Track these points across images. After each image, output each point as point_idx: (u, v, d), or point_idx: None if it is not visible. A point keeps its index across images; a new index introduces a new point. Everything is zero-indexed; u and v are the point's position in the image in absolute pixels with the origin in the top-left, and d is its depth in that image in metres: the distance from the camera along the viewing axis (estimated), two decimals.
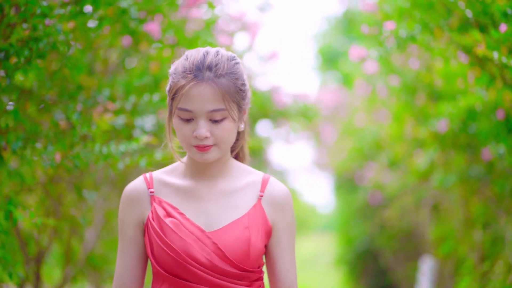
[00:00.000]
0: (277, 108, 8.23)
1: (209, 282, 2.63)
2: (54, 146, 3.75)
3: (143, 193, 2.76)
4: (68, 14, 3.48)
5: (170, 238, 2.65)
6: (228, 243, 2.64)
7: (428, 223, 7.99)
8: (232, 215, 2.71)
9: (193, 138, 2.63)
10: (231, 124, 2.64)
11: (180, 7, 4.46)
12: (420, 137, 6.48)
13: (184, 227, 2.66)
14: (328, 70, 18.14)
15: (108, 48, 4.70)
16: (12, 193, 4.17)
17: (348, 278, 13.95)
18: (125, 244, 2.76)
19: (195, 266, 2.62)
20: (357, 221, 12.08)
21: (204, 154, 2.64)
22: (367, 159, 9.78)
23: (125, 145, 3.76)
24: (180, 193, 2.75)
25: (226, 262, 2.64)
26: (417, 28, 4.43)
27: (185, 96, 2.61)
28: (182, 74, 2.63)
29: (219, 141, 2.64)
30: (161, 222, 2.68)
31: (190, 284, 2.64)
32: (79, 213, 5.53)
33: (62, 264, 6.81)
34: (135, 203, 2.76)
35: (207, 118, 2.61)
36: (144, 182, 2.78)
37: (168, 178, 2.79)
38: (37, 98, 4.23)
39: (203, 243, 2.64)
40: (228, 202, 2.73)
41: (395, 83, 6.92)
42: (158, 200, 2.74)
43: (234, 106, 2.64)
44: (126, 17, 3.91)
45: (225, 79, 2.61)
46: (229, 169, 2.79)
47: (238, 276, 2.66)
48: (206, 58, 2.64)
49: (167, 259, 2.65)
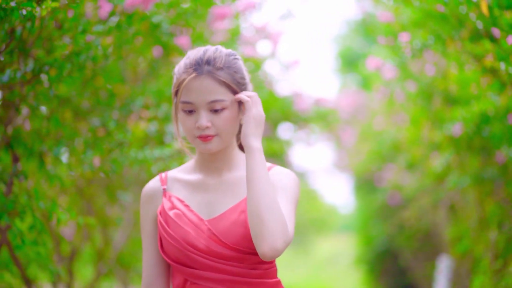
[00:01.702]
0: (298, 113, 8.41)
1: (211, 267, 2.71)
2: (92, 151, 4.01)
3: (157, 190, 2.89)
4: (106, 29, 3.73)
5: (172, 228, 2.76)
6: (224, 227, 2.71)
7: (445, 223, 8.07)
8: (231, 202, 2.79)
9: (196, 129, 2.73)
10: (230, 114, 2.74)
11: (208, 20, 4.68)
12: (436, 140, 6.59)
13: (186, 217, 2.77)
14: (348, 73, 18.15)
15: (138, 57, 4.94)
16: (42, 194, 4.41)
17: (368, 277, 13.94)
18: (147, 241, 2.88)
19: (195, 252, 2.71)
20: (377, 221, 12.13)
21: (207, 144, 2.74)
22: (386, 161, 9.88)
23: (159, 150, 4.02)
24: (189, 187, 2.86)
25: (222, 246, 2.70)
26: (430, 39, 4.62)
27: (186, 89, 2.73)
28: (183, 70, 2.76)
29: (220, 131, 2.73)
30: (166, 215, 2.80)
31: (195, 271, 2.73)
32: (112, 214, 5.76)
33: (92, 263, 7.04)
34: (151, 200, 2.89)
35: (207, 109, 2.72)
36: (159, 180, 2.91)
37: (180, 175, 2.91)
38: (73, 105, 4.49)
39: (201, 230, 2.73)
40: (231, 191, 2.82)
41: (412, 89, 7.02)
42: (168, 195, 2.86)
43: (233, 97, 2.75)
44: (158, 31, 4.14)
45: (223, 71, 2.73)
46: (235, 161, 2.87)
47: (238, 258, 2.71)
48: (205, 54, 2.76)
49: (172, 249, 2.75)
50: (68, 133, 4.28)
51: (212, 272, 2.71)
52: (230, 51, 2.85)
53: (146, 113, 4.37)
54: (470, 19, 4.34)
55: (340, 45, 18.81)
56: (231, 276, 2.70)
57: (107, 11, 3.82)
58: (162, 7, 4.13)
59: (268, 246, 2.54)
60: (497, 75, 4.56)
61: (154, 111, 4.50)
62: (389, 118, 9.11)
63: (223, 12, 4.44)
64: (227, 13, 4.44)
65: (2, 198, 3.68)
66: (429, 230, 9.61)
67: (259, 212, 2.57)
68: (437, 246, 9.38)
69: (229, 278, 2.70)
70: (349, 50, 17.94)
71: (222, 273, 2.70)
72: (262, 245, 2.55)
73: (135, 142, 4.15)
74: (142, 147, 4.27)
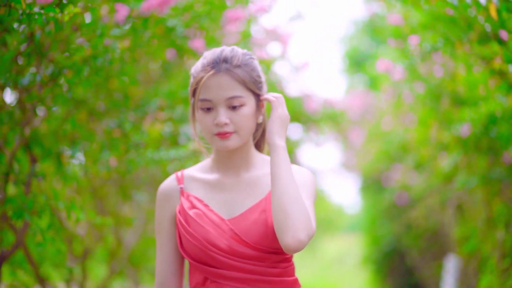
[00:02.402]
0: (307, 113, 8.48)
1: (232, 267, 2.72)
2: (109, 152, 4.10)
3: (174, 189, 2.90)
4: (123, 33, 3.82)
5: (193, 227, 2.77)
6: (245, 227, 2.74)
7: (452, 223, 8.09)
8: (251, 201, 2.81)
9: (214, 126, 2.75)
10: (248, 111, 2.77)
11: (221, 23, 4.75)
12: (444, 140, 6.65)
13: (206, 216, 2.78)
14: (355, 73, 18.16)
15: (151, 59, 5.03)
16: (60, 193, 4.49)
17: (375, 277, 13.97)
18: (162, 240, 2.90)
19: (217, 252, 2.73)
20: (384, 221, 12.16)
21: (225, 141, 2.76)
22: (394, 161, 9.92)
23: (174, 151, 4.11)
24: (207, 186, 2.88)
25: (244, 245, 2.73)
26: (440, 41, 4.69)
27: (204, 86, 2.76)
28: (201, 69, 2.79)
29: (239, 128, 2.76)
30: (186, 214, 2.81)
31: (216, 270, 2.74)
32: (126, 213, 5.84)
33: (105, 262, 7.12)
34: (167, 199, 2.90)
35: (226, 106, 2.74)
36: (175, 179, 2.92)
37: (197, 174, 2.93)
38: (89, 107, 4.58)
39: (222, 230, 2.75)
40: (250, 190, 2.84)
41: (420, 90, 7.07)
42: (186, 194, 2.87)
43: (251, 95, 2.79)
44: (173, 35, 4.21)
45: (240, 69, 2.77)
46: (253, 160, 2.90)
47: (259, 257, 2.73)
48: (222, 53, 2.80)
49: (193, 248, 2.77)
50: (84, 134, 4.37)
51: (233, 271, 2.73)
52: (246, 51, 2.88)
53: (161, 115, 4.46)
54: (479, 22, 4.40)
55: (347, 45, 18.82)
56: (252, 275, 2.73)
57: (123, 15, 3.91)
58: (177, 11, 4.21)
59: (292, 238, 2.56)
60: (505, 77, 4.61)
61: (169, 112, 4.58)
62: (397, 119, 9.15)
63: (237, 16, 4.53)
64: (240, 16, 4.52)
65: (22, 197, 3.77)
66: (437, 230, 9.62)
67: (283, 205, 2.60)
68: (445, 246, 9.40)
69: (250, 277, 2.72)
70: (356, 50, 17.96)
71: (243, 272, 2.72)
72: (286, 237, 2.57)
73: (151, 143, 4.23)
74: (157, 148, 4.36)
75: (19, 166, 4.32)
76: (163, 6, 3.96)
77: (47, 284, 5.69)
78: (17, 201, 3.77)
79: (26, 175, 4.20)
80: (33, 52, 3.82)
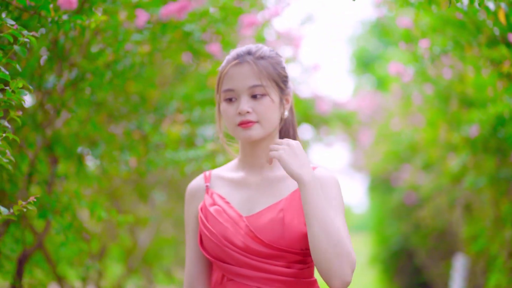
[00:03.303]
0: (318, 114, 8.58)
1: (248, 264, 2.70)
2: (129, 153, 4.23)
3: (201, 188, 2.91)
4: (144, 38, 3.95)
5: (211, 224, 2.77)
6: (262, 225, 2.71)
7: (460, 222, 8.13)
8: (271, 200, 2.78)
9: (237, 115, 2.73)
10: (271, 102, 2.74)
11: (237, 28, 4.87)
12: (452, 141, 6.72)
13: (226, 213, 2.77)
14: (363, 74, 18.16)
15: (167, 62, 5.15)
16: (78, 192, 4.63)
17: (383, 276, 13.98)
18: (189, 238, 2.90)
19: (233, 249, 2.71)
20: (392, 220, 12.17)
21: (247, 130, 2.74)
22: (403, 162, 9.98)
23: (193, 152, 4.23)
24: (231, 184, 2.87)
25: (259, 243, 2.69)
26: (449, 45, 4.79)
27: (227, 77, 2.76)
28: (225, 64, 2.81)
29: (261, 118, 2.73)
30: (206, 211, 2.81)
31: (231, 267, 2.72)
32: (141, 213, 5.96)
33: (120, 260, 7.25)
34: (193, 198, 2.91)
35: (248, 95, 2.73)
36: (203, 178, 2.94)
37: (224, 173, 2.92)
38: (108, 109, 4.71)
39: (239, 226, 2.73)
40: (271, 190, 2.80)
41: (429, 91, 7.16)
42: (210, 192, 2.87)
43: (274, 86, 2.75)
44: (190, 39, 4.33)
45: (264, 60, 2.76)
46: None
47: (274, 256, 2.69)
48: (248, 47, 2.81)
49: (211, 245, 2.76)
50: (104, 135, 4.49)
51: (247, 269, 2.71)
52: (272, 48, 2.88)
53: (179, 117, 4.58)
54: (487, 26, 4.50)
55: (355, 46, 18.81)
56: (266, 273, 2.70)
57: (143, 21, 4.03)
58: (195, 16, 4.32)
59: (340, 282, 2.53)
60: None
61: (186, 115, 4.70)
62: (405, 119, 9.20)
63: (252, 20, 4.63)
64: (255, 21, 4.63)
65: (46, 197, 3.88)
66: (445, 229, 9.66)
67: (325, 250, 2.53)
68: (453, 245, 9.44)
69: (264, 276, 2.70)
70: (364, 51, 17.95)
71: (257, 270, 2.70)
72: (334, 282, 2.53)
73: (170, 144, 4.35)
74: (176, 149, 4.48)
75: (41, 166, 4.44)
76: (181, 11, 4.08)
77: (64, 282, 5.80)
78: (40, 201, 3.88)
79: (48, 175, 4.33)
80: (56, 56, 3.95)
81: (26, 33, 2.23)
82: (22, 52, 2.21)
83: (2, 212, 2.28)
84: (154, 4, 4.15)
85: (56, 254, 5.70)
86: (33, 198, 2.34)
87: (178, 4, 4.08)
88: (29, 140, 4.28)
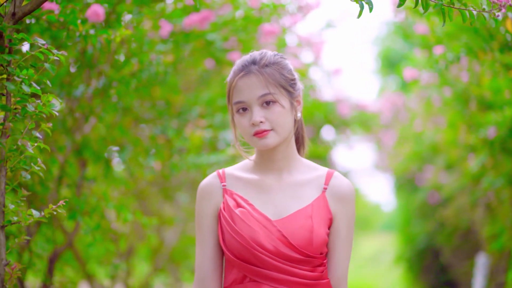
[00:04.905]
0: (340, 117, 8.72)
1: (275, 267, 2.74)
2: (153, 156, 4.44)
3: (217, 187, 2.90)
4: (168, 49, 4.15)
5: (239, 226, 2.77)
6: (292, 230, 2.74)
7: (482, 221, 8.24)
8: (297, 205, 2.81)
9: (251, 126, 2.75)
10: (283, 108, 2.76)
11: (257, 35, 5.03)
12: (471, 142, 6.84)
13: (252, 216, 2.78)
14: (388, 75, 18.10)
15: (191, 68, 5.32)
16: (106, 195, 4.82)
17: (408, 275, 14.02)
18: (203, 236, 2.89)
19: (262, 252, 2.73)
20: (418, 219, 12.22)
21: (264, 139, 2.75)
22: (425, 162, 10.09)
23: (214, 155, 4.41)
24: (250, 186, 2.87)
25: (290, 248, 2.74)
26: (462, 51, 4.92)
27: (236, 89, 2.77)
28: (232, 75, 2.82)
29: (275, 125, 2.75)
30: (232, 212, 2.80)
31: (257, 269, 2.75)
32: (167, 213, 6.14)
33: (147, 259, 7.43)
34: (210, 196, 2.90)
35: (259, 105, 2.75)
36: (217, 177, 2.92)
37: (239, 173, 2.92)
38: (134, 114, 4.91)
39: (269, 230, 2.75)
40: (294, 194, 2.83)
41: (448, 94, 7.24)
42: (230, 193, 2.86)
43: (282, 91, 2.77)
44: (212, 48, 4.51)
45: (269, 68, 2.76)
46: (296, 164, 2.89)
47: (302, 261, 2.75)
48: (251, 56, 2.81)
49: (237, 246, 2.76)
50: (130, 140, 4.68)
51: (275, 272, 2.75)
52: (276, 52, 2.88)
53: (202, 122, 4.76)
54: (500, 32, 4.64)
55: (380, 46, 18.76)
56: (292, 277, 2.76)
57: (167, 31, 4.22)
58: (216, 26, 4.50)
59: None
60: None
61: (208, 120, 4.88)
62: (427, 121, 9.29)
63: (271, 30, 4.79)
64: (274, 30, 4.78)
65: (75, 199, 4.08)
66: (468, 228, 9.71)
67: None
68: (477, 244, 9.50)
69: (289, 278, 2.75)
70: (389, 51, 17.89)
71: (284, 273, 2.75)
72: None
73: (192, 148, 4.53)
74: (198, 153, 4.65)
75: (71, 170, 4.65)
76: (203, 22, 4.26)
77: (94, 281, 5.99)
78: (70, 203, 4.08)
79: (77, 178, 4.53)
80: (84, 65, 4.16)
81: (56, 52, 2.41)
82: (52, 69, 2.40)
83: (34, 215, 2.45)
84: (177, 15, 4.33)
85: (86, 253, 5.89)
86: (63, 202, 2.51)
87: (200, 15, 4.26)
88: (59, 144, 4.49)
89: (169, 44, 4.23)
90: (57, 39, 3.70)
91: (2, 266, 2.42)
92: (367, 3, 2.50)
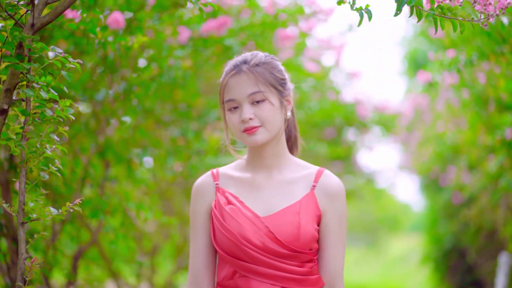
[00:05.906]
0: (360, 118, 8.82)
1: (263, 262, 2.81)
2: (174, 158, 4.59)
3: (210, 185, 2.97)
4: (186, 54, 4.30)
5: (228, 222, 2.84)
6: (279, 226, 2.81)
7: (504, 221, 8.27)
8: (286, 202, 2.88)
9: (241, 123, 2.82)
10: (272, 106, 2.84)
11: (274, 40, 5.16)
12: (490, 143, 6.92)
13: (242, 213, 2.85)
14: (415, 76, 18.05)
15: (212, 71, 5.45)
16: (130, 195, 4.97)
17: (435, 275, 14.04)
18: (197, 233, 2.96)
19: (250, 247, 2.81)
20: (443, 220, 12.30)
21: (253, 136, 2.83)
22: (448, 163, 10.16)
23: (232, 157, 4.55)
24: (242, 184, 2.95)
25: (277, 244, 2.81)
26: (474, 55, 5.02)
27: (227, 88, 2.85)
28: (224, 75, 2.90)
29: (264, 122, 2.82)
30: (222, 209, 2.87)
31: (246, 265, 2.82)
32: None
33: (171, 258, 7.57)
34: (203, 195, 2.97)
35: (249, 102, 2.82)
36: (211, 176, 3.00)
37: (232, 172, 3.00)
38: (155, 117, 5.06)
39: (257, 227, 2.82)
40: (283, 191, 2.91)
41: (466, 95, 7.30)
42: (222, 191, 2.94)
43: (272, 90, 2.85)
44: (230, 53, 4.64)
45: (260, 67, 2.85)
46: (286, 162, 2.97)
47: (289, 256, 2.82)
48: (243, 56, 2.91)
49: (226, 242, 2.84)
50: (152, 141, 4.84)
51: (263, 267, 2.82)
52: (267, 53, 2.96)
53: (220, 125, 4.91)
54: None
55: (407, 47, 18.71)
56: (280, 272, 2.83)
57: (185, 36, 4.37)
58: (234, 31, 4.64)
59: None
60: None
61: None
62: (449, 122, 9.34)
63: (287, 35, 4.92)
64: (290, 35, 4.91)
65: (98, 199, 4.25)
66: (493, 228, 9.72)
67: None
68: (502, 244, 9.53)
69: (278, 274, 2.83)
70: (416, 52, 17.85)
71: (273, 268, 2.82)
72: None
73: (210, 150, 4.67)
74: (216, 154, 4.80)
75: (94, 170, 4.81)
76: (221, 27, 4.41)
77: (119, 279, 6.14)
78: (93, 202, 4.24)
79: (100, 179, 4.69)
80: (106, 70, 4.33)
81: (72, 60, 2.57)
82: (69, 76, 2.56)
83: (52, 213, 2.59)
84: (196, 21, 4.47)
85: (111, 252, 6.03)
86: (79, 200, 2.64)
87: (218, 21, 4.41)
88: (83, 146, 4.65)
89: (188, 49, 4.37)
90: (80, 45, 3.86)
91: (22, 260, 2.56)
92: (366, 13, 2.63)
